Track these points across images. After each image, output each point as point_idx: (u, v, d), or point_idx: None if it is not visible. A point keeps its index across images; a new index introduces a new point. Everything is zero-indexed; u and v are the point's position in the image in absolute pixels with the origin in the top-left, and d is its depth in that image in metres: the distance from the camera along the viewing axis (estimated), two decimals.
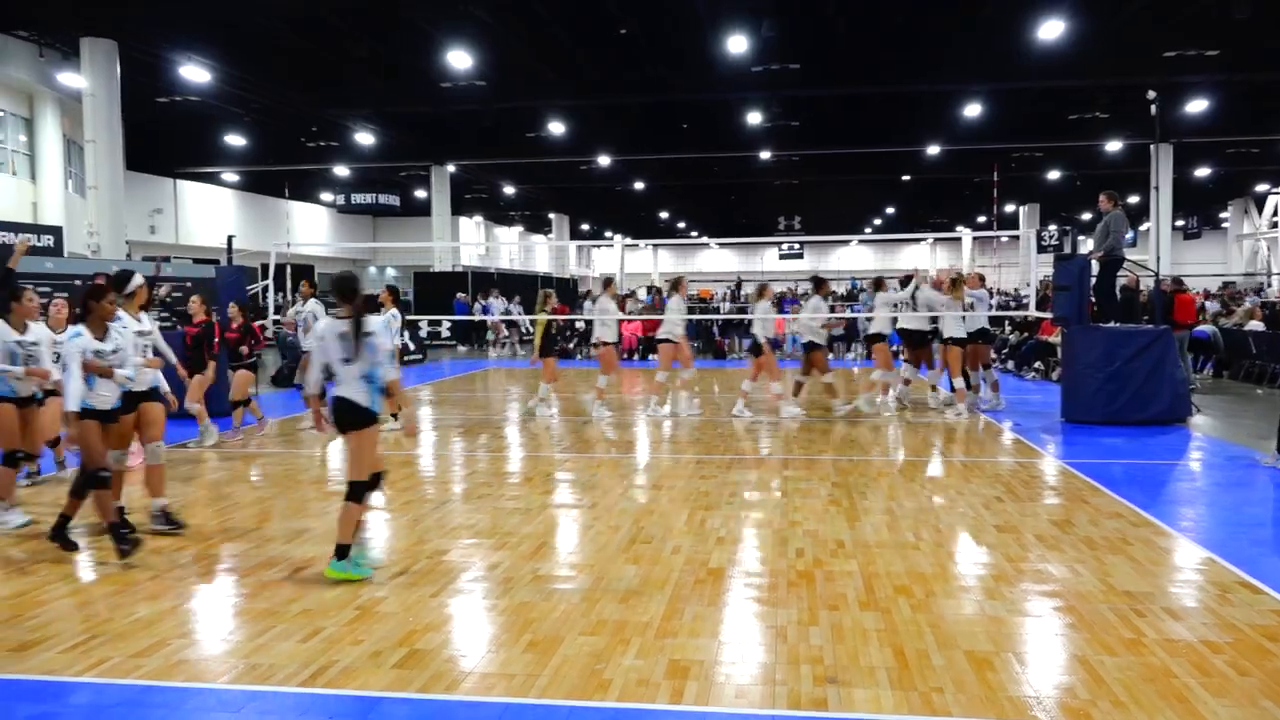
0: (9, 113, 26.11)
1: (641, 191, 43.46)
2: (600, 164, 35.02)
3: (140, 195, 32.03)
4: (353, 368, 5.56)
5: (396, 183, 38.81)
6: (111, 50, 20.70)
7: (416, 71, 22.86)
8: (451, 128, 30.54)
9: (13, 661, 4.35)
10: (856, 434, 11.10)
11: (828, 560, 5.86)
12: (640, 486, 8.25)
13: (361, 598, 5.21)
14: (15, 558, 6.14)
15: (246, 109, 26.96)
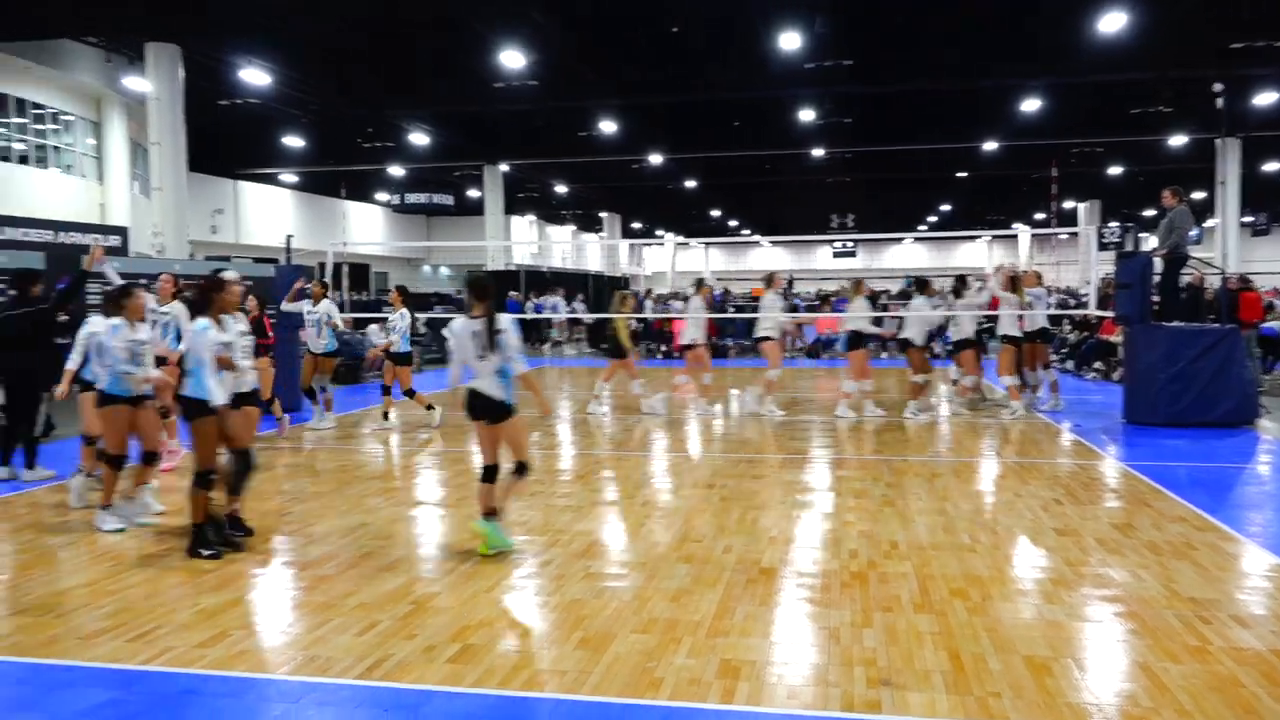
0: (78, 116, 26.88)
1: (692, 190, 43.41)
2: (651, 162, 35.03)
3: (202, 196, 32.76)
4: (487, 363, 5.87)
5: (450, 182, 39.22)
6: (175, 55, 21.18)
7: (470, 72, 23.08)
8: (504, 127, 30.78)
9: (83, 648, 4.48)
10: (911, 434, 10.97)
11: (881, 561, 5.80)
12: (692, 485, 8.24)
13: (416, 592, 5.28)
14: (87, 549, 6.31)
15: (304, 111, 27.44)
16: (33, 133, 25.38)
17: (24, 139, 25.16)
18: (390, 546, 6.25)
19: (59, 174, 26.13)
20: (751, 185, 42.56)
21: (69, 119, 26.45)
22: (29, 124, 25.24)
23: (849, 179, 40.07)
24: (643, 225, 58.57)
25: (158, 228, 21.33)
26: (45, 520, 7.14)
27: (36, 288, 8.60)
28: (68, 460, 9.08)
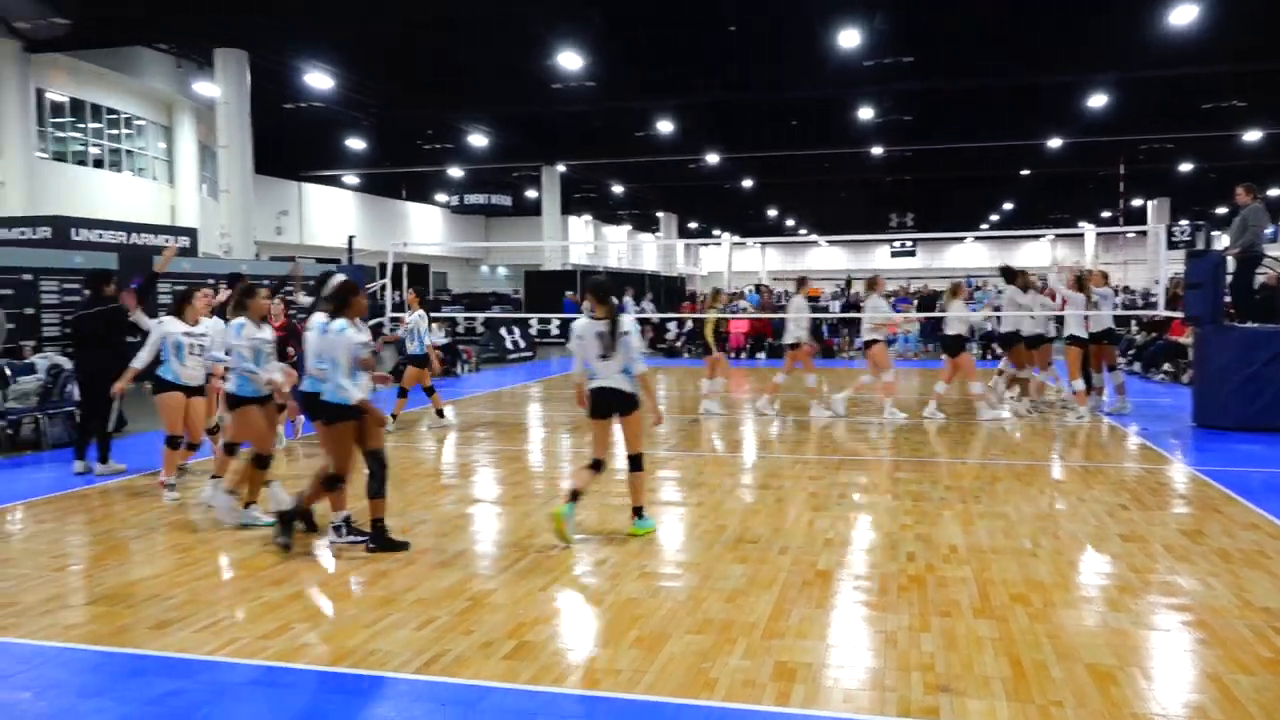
0: (150, 121, 27.66)
1: (749, 189, 43.23)
2: (708, 162, 34.97)
3: (268, 198, 33.50)
4: (611, 363, 6.20)
5: (508, 183, 39.59)
6: (242, 60, 21.70)
7: (528, 73, 23.27)
8: (562, 128, 30.99)
9: (152, 638, 4.61)
10: (972, 436, 10.79)
11: (940, 565, 5.71)
12: (747, 486, 8.20)
13: (473, 588, 5.33)
14: (160, 541, 6.49)
15: (366, 113, 27.91)
16: (107, 137, 26.17)
17: (99, 143, 25.96)
18: (448, 543, 6.33)
19: (131, 177, 26.91)
20: (809, 184, 42.24)
21: (141, 124, 27.23)
22: (104, 129, 26.03)
23: (908, 177, 39.57)
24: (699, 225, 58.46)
25: (225, 229, 21.89)
26: (118, 513, 7.36)
27: (110, 287, 8.87)
28: (139, 455, 9.37)
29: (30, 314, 15.00)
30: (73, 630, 4.74)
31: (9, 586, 5.44)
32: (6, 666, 4.30)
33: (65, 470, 8.90)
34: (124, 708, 3.85)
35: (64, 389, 10.53)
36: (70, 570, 5.84)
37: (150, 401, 8.11)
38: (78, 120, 25.33)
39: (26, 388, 10.36)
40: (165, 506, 7.49)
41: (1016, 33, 20.03)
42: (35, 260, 15.37)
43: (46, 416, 10.37)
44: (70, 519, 7.19)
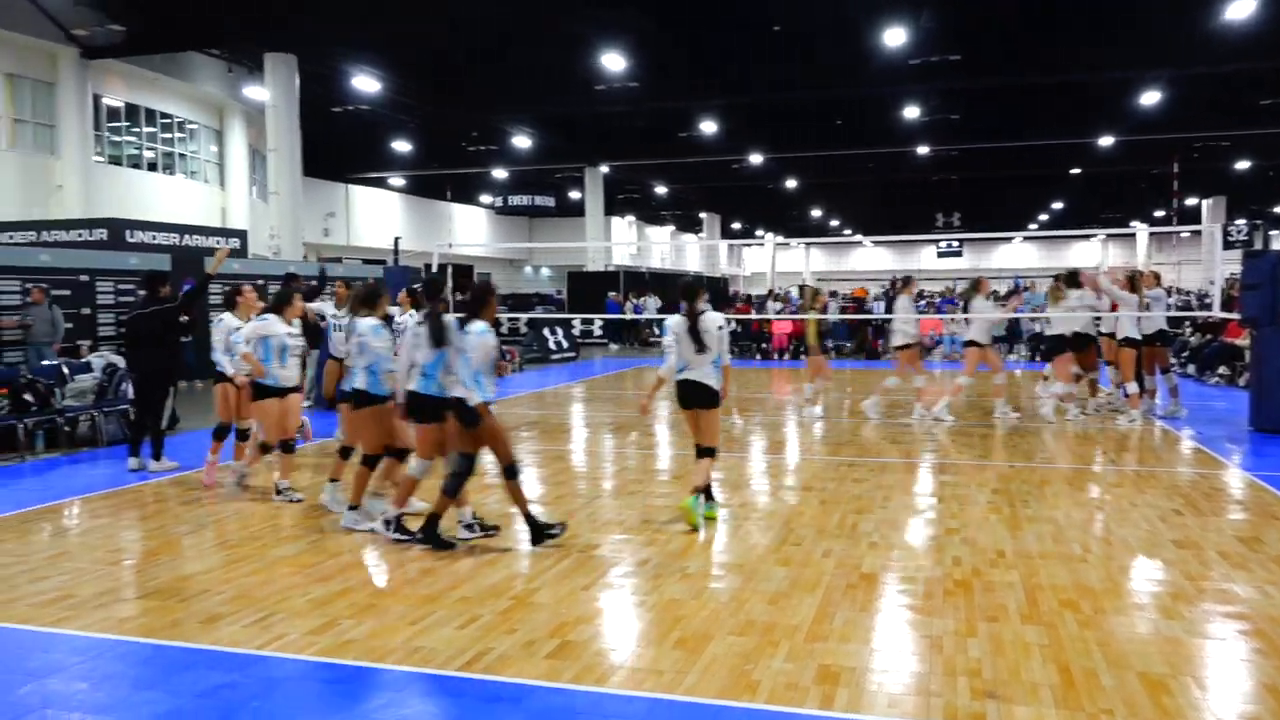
0: (202, 125, 28.20)
1: (793, 189, 43.02)
2: (751, 162, 34.87)
3: (315, 199, 34.01)
4: (704, 356, 6.63)
5: (552, 184, 39.80)
6: (291, 64, 22.04)
7: (572, 75, 23.38)
8: (605, 129, 31.08)
9: (203, 632, 4.70)
10: (1020, 439, 10.64)
11: (987, 570, 5.64)
12: (790, 487, 8.16)
13: (516, 588, 5.36)
14: (211, 537, 6.62)
15: (412, 116, 28.23)
16: (160, 141, 26.73)
17: (153, 147, 26.53)
18: (491, 542, 6.37)
19: (184, 180, 27.47)
20: (854, 184, 41.92)
21: (194, 128, 27.78)
22: (157, 133, 26.60)
23: (955, 176, 39.11)
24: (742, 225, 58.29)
25: (274, 230, 22.26)
26: (170, 509, 7.51)
27: (165, 288, 9.06)
28: (192, 452, 9.56)
29: (86, 314, 15.38)
30: (127, 623, 4.85)
31: (66, 580, 5.58)
32: (63, 658, 4.41)
33: (120, 467, 9.10)
34: (176, 700, 3.93)
35: (119, 387, 10.78)
36: (124, 565, 5.97)
37: (206, 398, 8.30)
38: (132, 124, 25.91)
39: (83, 386, 10.62)
40: (216, 504, 7.63)
41: (1067, 29, 19.71)
42: (91, 261, 15.75)
43: (102, 414, 10.62)
44: (124, 514, 7.35)
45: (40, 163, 22.80)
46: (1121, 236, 57.19)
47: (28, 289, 13.94)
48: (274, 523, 7.01)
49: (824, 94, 24.86)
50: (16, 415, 9.71)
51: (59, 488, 8.33)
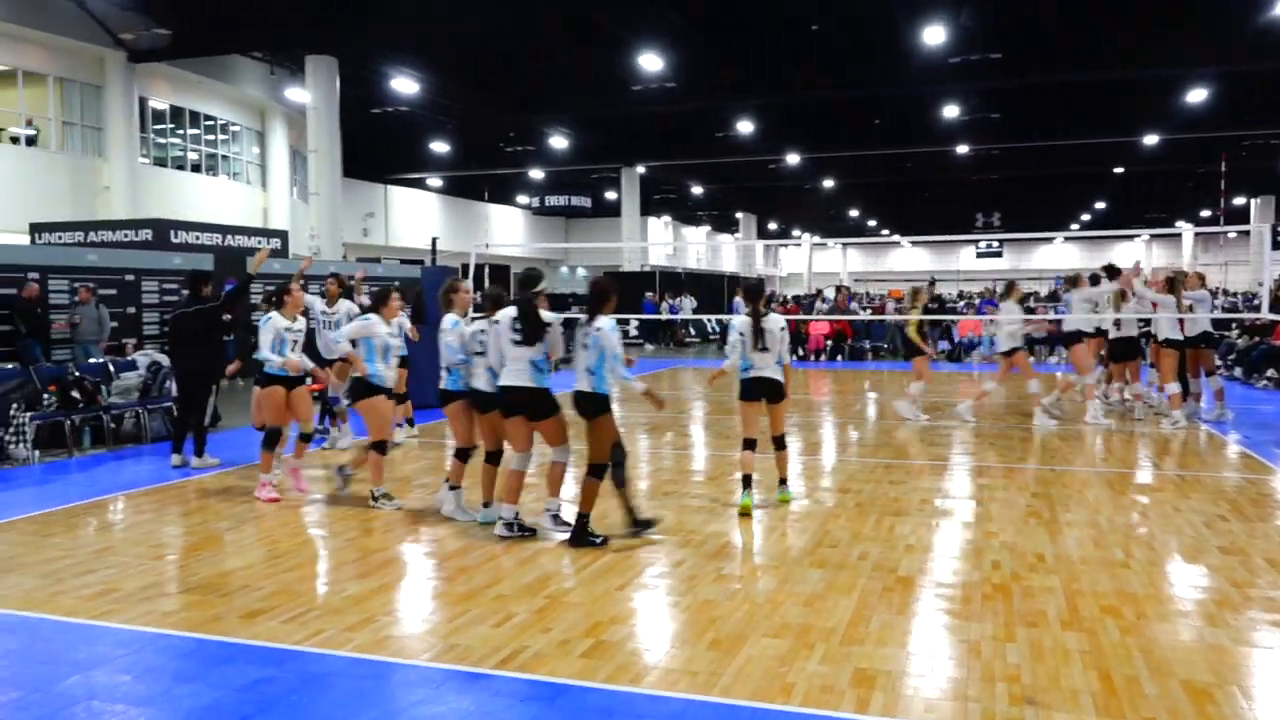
0: (244, 127, 28.62)
1: (830, 189, 42.78)
2: (788, 162, 34.73)
3: (355, 200, 34.37)
4: (768, 355, 7.02)
5: (588, 184, 39.90)
6: (332, 66, 22.29)
7: (609, 76, 23.43)
8: (642, 129, 31.09)
9: (244, 627, 4.77)
10: (1060, 443, 10.49)
11: (1026, 574, 5.56)
12: (826, 489, 8.11)
13: (551, 587, 5.38)
14: (251, 533, 6.71)
15: (450, 117, 28.44)
16: (204, 143, 27.17)
17: (196, 149, 26.97)
18: (527, 540, 6.39)
19: (226, 181, 27.89)
20: (892, 184, 41.61)
21: (236, 129, 28.20)
22: (201, 134, 27.03)
23: (995, 176, 38.66)
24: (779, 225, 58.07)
25: (314, 230, 22.53)
26: (212, 505, 7.63)
27: (208, 288, 9.20)
28: (233, 448, 9.70)
29: (132, 313, 15.67)
30: (169, 617, 4.93)
31: (111, 574, 5.68)
32: (108, 651, 4.49)
33: (164, 463, 9.26)
34: (217, 693, 3.99)
35: (163, 385, 10.96)
36: (167, 559, 6.07)
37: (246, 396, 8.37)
38: (177, 127, 26.36)
39: (128, 384, 10.82)
40: (257, 500, 7.72)
41: (1110, 26, 19.42)
42: (137, 261, 16.04)
43: (146, 411, 10.81)
44: (168, 510, 7.48)
45: (88, 164, 23.26)
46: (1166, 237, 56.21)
47: (75, 288, 14.24)
48: (313, 520, 7.10)
49: (862, 93, 24.69)
50: (64, 412, 9.91)
51: (104, 483, 8.50)
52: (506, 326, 6.26)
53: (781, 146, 31.62)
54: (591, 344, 6.15)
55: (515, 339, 6.21)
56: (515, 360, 6.25)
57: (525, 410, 6.31)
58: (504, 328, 6.28)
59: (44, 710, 3.84)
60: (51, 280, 14.29)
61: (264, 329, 7.77)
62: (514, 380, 6.27)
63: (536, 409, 6.31)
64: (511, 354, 6.26)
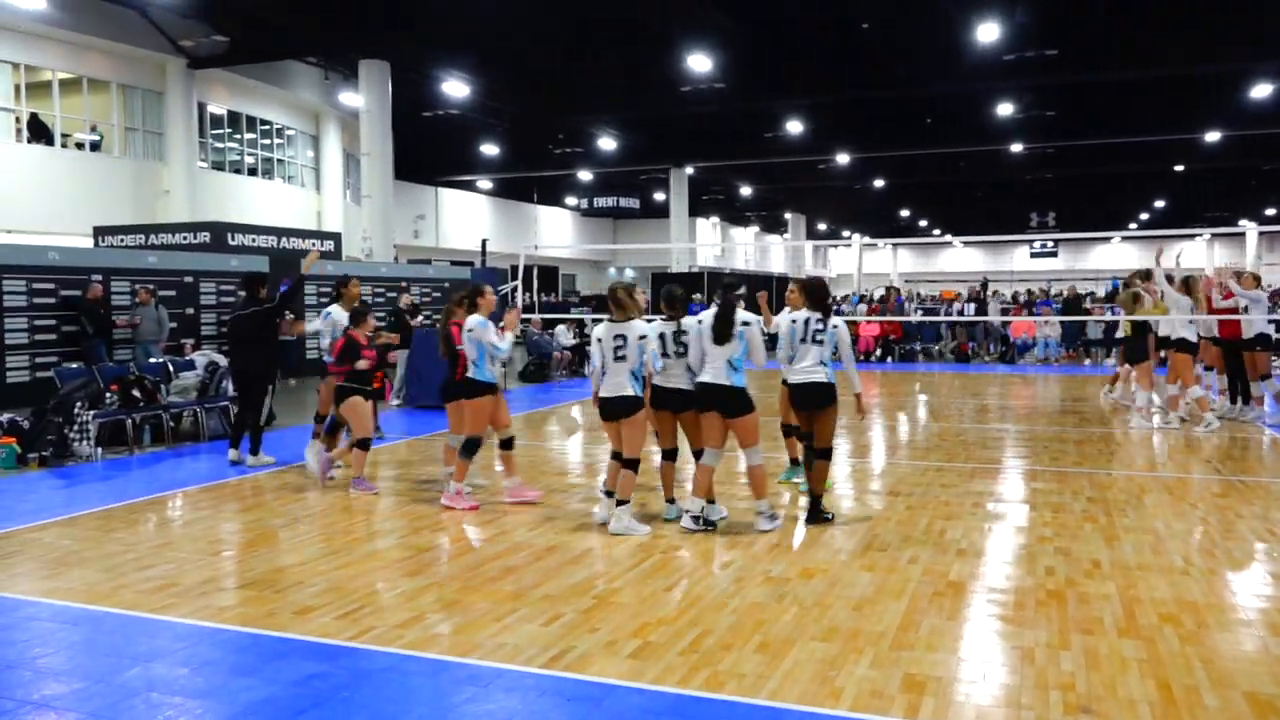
0: (299, 131, 29.10)
1: (880, 189, 42.33)
2: (838, 162, 34.44)
3: (406, 202, 34.77)
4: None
5: (636, 185, 39.95)
6: (384, 70, 22.58)
7: (657, 76, 23.42)
8: (690, 130, 31.04)
9: (297, 623, 4.85)
10: (1118, 446, 10.28)
11: (1081, 580, 5.46)
12: (875, 492, 8.04)
13: (598, 587, 5.40)
14: (304, 531, 6.83)
15: (500, 119, 28.65)
16: (260, 147, 27.69)
17: (253, 153, 27.50)
18: (575, 540, 6.42)
19: (281, 184, 28.40)
20: (943, 184, 41.05)
21: (291, 133, 28.70)
22: (257, 139, 27.56)
23: (1050, 175, 37.97)
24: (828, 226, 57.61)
25: (367, 233, 22.84)
26: (267, 503, 7.77)
27: (264, 289, 9.38)
28: (288, 448, 9.88)
29: (190, 314, 16.03)
30: (225, 612, 5.03)
31: (170, 569, 5.82)
32: (167, 644, 4.59)
33: (221, 461, 9.45)
34: (271, 688, 4.06)
35: (220, 384, 11.19)
36: (224, 555, 6.20)
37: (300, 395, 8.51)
38: (234, 131, 26.90)
39: (186, 383, 11.05)
40: (310, 498, 7.85)
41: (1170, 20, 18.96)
42: (195, 263, 16.40)
43: (204, 410, 11.04)
44: (224, 507, 7.63)
45: (149, 169, 23.84)
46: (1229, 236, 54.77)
47: (136, 290, 14.60)
48: (364, 518, 7.19)
49: (913, 92, 24.40)
50: (125, 410, 10.15)
51: (164, 480, 8.69)
52: (708, 327, 6.59)
53: (831, 146, 31.38)
54: (827, 339, 6.77)
55: (713, 338, 6.55)
56: (713, 360, 6.57)
57: (721, 407, 6.57)
58: (705, 328, 6.61)
59: (106, 700, 3.94)
60: (114, 282, 14.67)
61: (323, 324, 7.91)
62: (711, 378, 6.57)
63: (732, 406, 6.56)
64: (711, 353, 6.58)
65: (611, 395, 6.66)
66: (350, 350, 8.18)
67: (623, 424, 6.67)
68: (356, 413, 8.12)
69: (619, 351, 6.63)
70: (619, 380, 6.62)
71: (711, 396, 6.58)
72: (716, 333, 6.51)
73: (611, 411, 6.70)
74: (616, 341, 6.63)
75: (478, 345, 7.33)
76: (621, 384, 6.62)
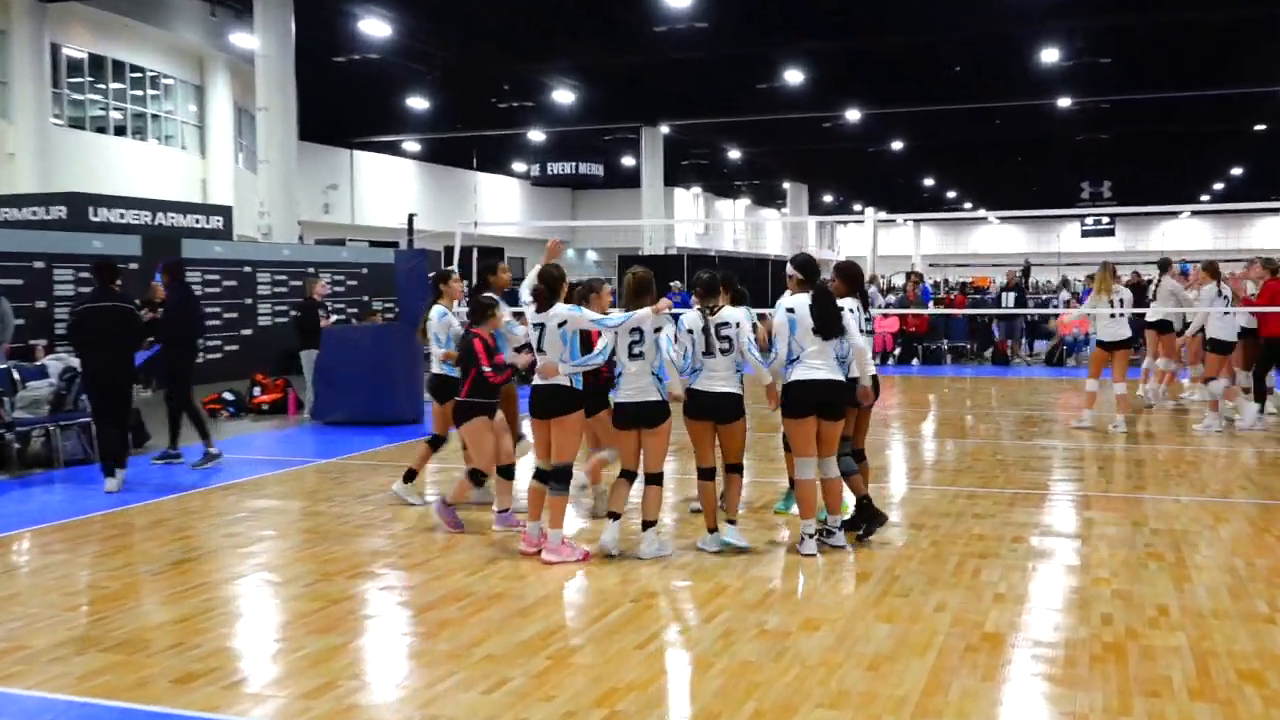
0: (179, 80, 28.84)
1: (899, 153, 42.68)
2: (847, 120, 34.63)
3: (314, 169, 34.58)
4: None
5: (600, 149, 39.95)
6: (286, 5, 22.42)
7: (625, 15, 23.39)
8: (666, 81, 31.03)
9: (176, 694, 4.79)
10: (1188, 466, 10.40)
11: (1145, 631, 5.52)
12: (894, 524, 8.08)
13: (554, 645, 5.38)
14: (186, 578, 6.75)
15: (430, 67, 28.49)
16: (130, 100, 27.43)
17: (121, 107, 27.24)
18: (525, 586, 6.40)
19: (157, 146, 28.17)
20: (975, 146, 41.41)
21: (169, 83, 28.46)
22: (126, 90, 27.30)
23: (1105, 136, 38.43)
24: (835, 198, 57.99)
25: (264, 206, 22.64)
26: (137, 544, 7.68)
27: (118, 280, 9.33)
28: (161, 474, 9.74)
29: (42, 307, 15.79)
30: (86, 682, 4.95)
31: (17, 628, 5.73)
32: None
33: (79, 492, 9.34)
34: None
35: (79, 396, 11.03)
36: (82, 611, 6.11)
37: None
38: (97, 80, 26.63)
39: (37, 394, 10.85)
40: (192, 538, 7.76)
41: None
42: (48, 245, 16.19)
43: (59, 428, 10.87)
44: (84, 549, 7.52)
45: None
46: None
47: None
48: (261, 562, 7.13)
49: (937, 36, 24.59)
50: None
51: (7, 517, 8.56)
52: (805, 317, 6.93)
53: (839, 101, 31.58)
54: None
55: (816, 329, 6.90)
56: (823, 354, 6.95)
57: (842, 404, 7.04)
58: (801, 318, 6.94)
59: None
60: None
61: (433, 326, 8.00)
62: (829, 374, 6.95)
63: (844, 403, 7.08)
64: (816, 348, 6.93)
65: (635, 400, 6.84)
66: (472, 354, 7.60)
67: (645, 434, 6.90)
68: (480, 438, 7.67)
69: (634, 348, 6.81)
70: (644, 383, 6.81)
71: (836, 394, 6.98)
72: (822, 324, 6.86)
73: (634, 418, 6.87)
74: (633, 335, 6.81)
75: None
76: (647, 387, 6.81)
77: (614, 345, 6.94)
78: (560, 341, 6.98)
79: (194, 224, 20.19)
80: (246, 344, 18.86)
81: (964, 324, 24.00)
